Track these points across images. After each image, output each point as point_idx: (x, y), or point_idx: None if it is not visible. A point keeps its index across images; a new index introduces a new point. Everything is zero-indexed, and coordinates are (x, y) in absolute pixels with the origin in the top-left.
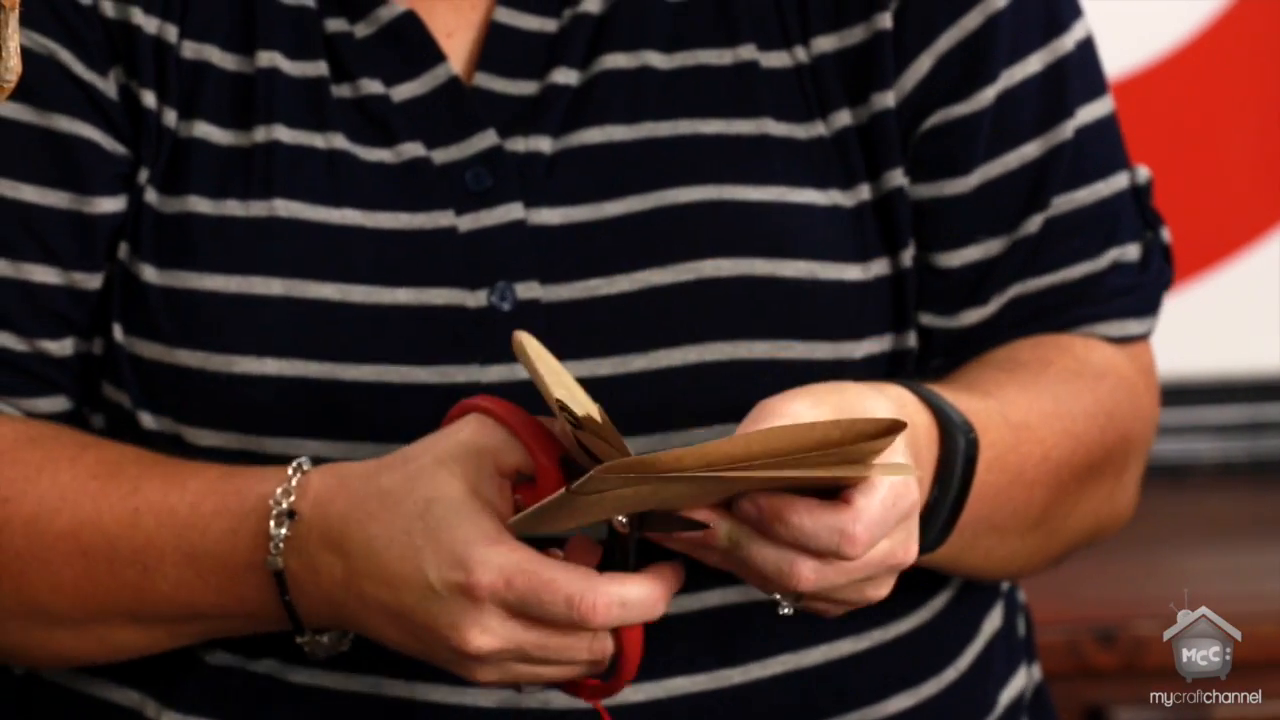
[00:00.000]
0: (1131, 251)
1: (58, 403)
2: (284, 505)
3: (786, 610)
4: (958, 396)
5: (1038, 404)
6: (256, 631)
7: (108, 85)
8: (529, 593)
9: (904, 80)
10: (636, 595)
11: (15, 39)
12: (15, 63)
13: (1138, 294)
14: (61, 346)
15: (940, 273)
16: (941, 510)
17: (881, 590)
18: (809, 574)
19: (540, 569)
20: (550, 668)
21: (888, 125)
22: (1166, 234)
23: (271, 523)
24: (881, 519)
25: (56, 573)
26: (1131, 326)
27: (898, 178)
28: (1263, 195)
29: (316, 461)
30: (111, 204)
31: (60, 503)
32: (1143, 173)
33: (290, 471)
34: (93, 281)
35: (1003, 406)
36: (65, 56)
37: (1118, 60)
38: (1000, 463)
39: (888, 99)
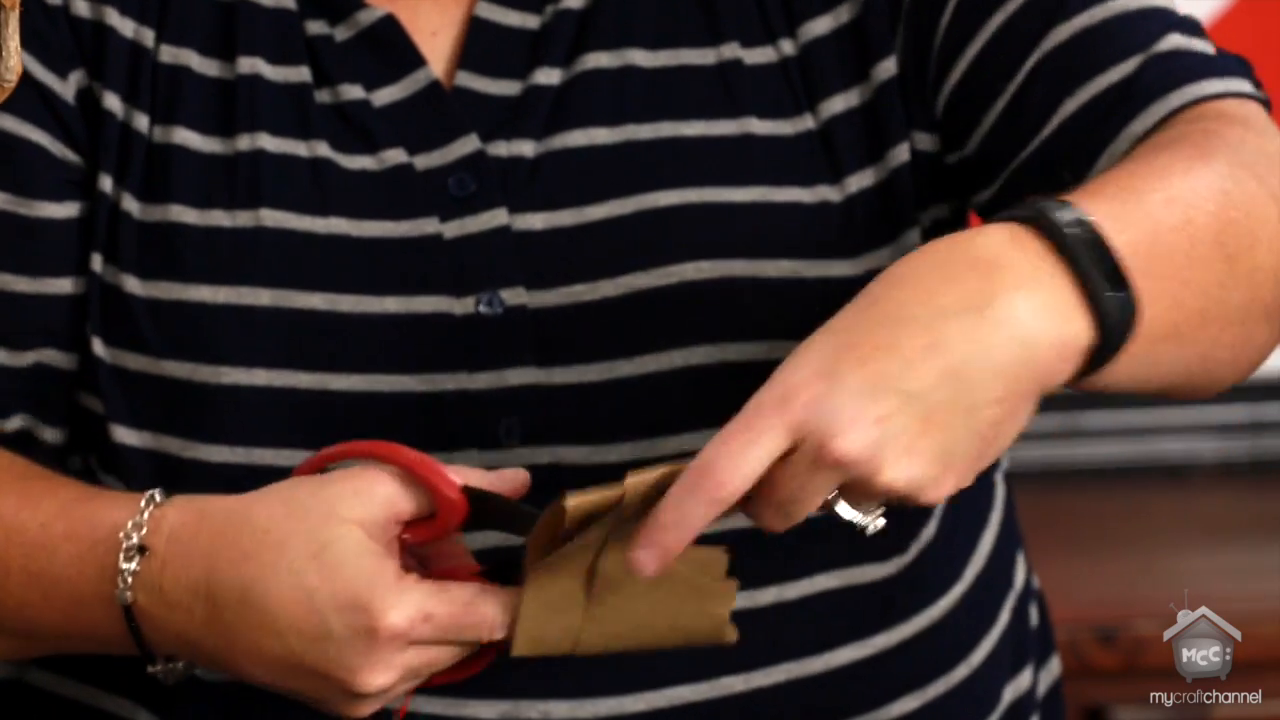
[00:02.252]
0: (1197, 44)
1: None
2: (134, 540)
3: (877, 522)
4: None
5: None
6: (105, 653)
7: (65, 88)
8: (450, 622)
9: (936, 36)
10: None
11: (15, 39)
12: (15, 62)
13: (1216, 63)
14: None
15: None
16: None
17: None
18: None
19: (456, 595)
20: (424, 678)
21: (892, 93)
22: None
23: (120, 556)
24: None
25: None
26: (1213, 85)
27: (903, 153)
28: None
29: None
30: (58, 209)
31: None
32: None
33: (143, 504)
34: (21, 285)
35: (1133, 179)
36: (24, 58)
37: None
38: (1162, 223)
39: (890, 66)
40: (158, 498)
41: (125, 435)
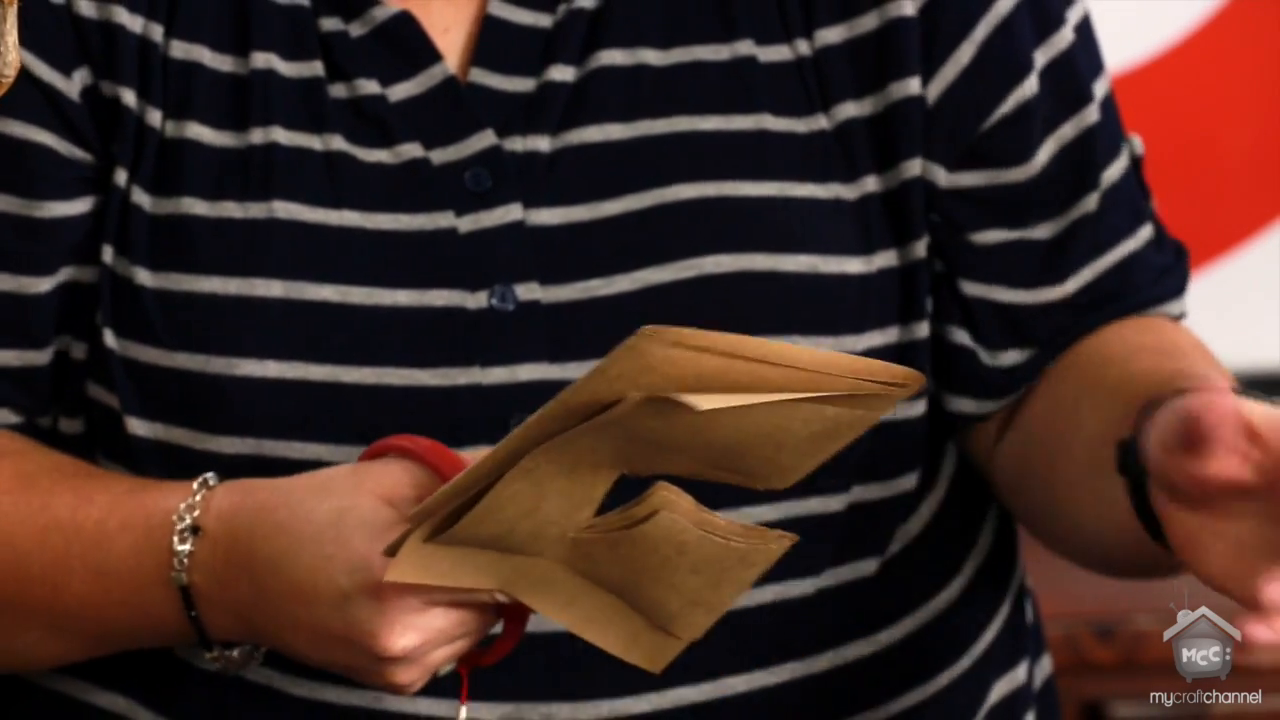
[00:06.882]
0: (1152, 227)
1: (2, 415)
2: (188, 520)
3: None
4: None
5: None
6: (169, 645)
7: (70, 86)
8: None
9: (945, 70)
10: None
11: (14, 34)
12: (14, 57)
13: (1175, 272)
14: (4, 358)
15: (1015, 246)
16: None
17: None
18: None
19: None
20: (462, 643)
21: (909, 113)
22: (1153, 203)
23: (175, 539)
24: None
25: None
26: (1178, 306)
27: (915, 168)
28: (1260, 191)
29: (316, 466)
30: (66, 208)
31: None
32: (1137, 143)
33: (195, 486)
34: (39, 286)
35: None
36: (26, 58)
37: (1116, 55)
38: None
39: (910, 86)
40: (210, 481)
41: (138, 427)
